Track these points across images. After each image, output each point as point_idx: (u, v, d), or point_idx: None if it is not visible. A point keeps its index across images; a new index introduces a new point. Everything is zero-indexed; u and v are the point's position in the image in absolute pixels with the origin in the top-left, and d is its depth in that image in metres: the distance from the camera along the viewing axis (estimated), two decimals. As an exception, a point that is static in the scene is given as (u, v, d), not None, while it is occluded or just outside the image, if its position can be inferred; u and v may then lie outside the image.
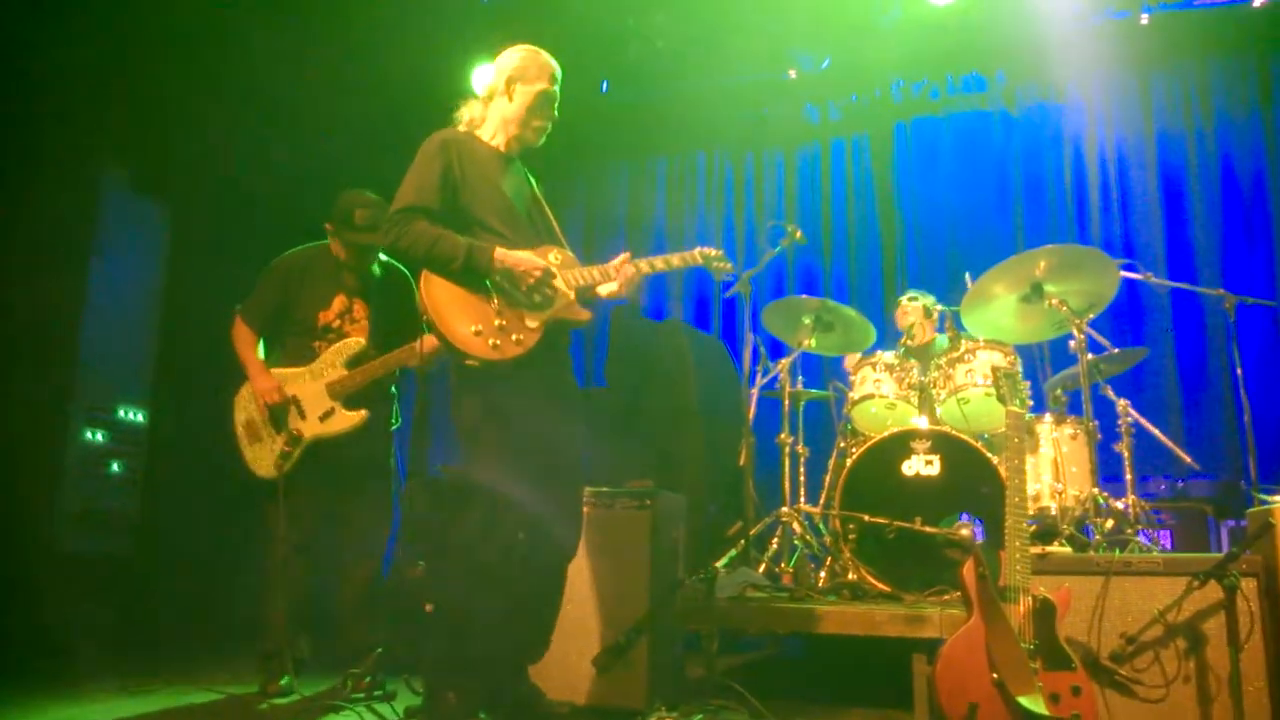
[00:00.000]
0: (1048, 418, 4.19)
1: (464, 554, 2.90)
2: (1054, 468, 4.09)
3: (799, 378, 4.86)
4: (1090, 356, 4.07)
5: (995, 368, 3.60)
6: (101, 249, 5.18)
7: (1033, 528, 3.85)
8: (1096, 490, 3.79)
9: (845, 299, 6.39)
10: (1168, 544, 4.51)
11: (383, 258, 3.94)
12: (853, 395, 4.46)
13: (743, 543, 4.22)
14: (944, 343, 4.67)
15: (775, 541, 4.34)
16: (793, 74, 6.80)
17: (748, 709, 3.18)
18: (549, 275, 2.94)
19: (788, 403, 4.68)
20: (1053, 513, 4.00)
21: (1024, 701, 2.63)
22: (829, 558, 4.16)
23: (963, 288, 4.21)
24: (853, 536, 3.92)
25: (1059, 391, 4.48)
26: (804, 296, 4.84)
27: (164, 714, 3.40)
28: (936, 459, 3.97)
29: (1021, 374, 4.13)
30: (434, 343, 3.43)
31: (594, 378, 6.70)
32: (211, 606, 5.00)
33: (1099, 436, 3.96)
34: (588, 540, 3.51)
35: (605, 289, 3.07)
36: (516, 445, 2.89)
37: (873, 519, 3.82)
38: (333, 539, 3.83)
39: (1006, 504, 2.98)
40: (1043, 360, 4.82)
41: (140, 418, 5.28)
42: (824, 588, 3.98)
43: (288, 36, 5.48)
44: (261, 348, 3.90)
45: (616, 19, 6.40)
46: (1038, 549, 3.22)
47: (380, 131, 5.64)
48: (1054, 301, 3.93)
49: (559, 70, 3.17)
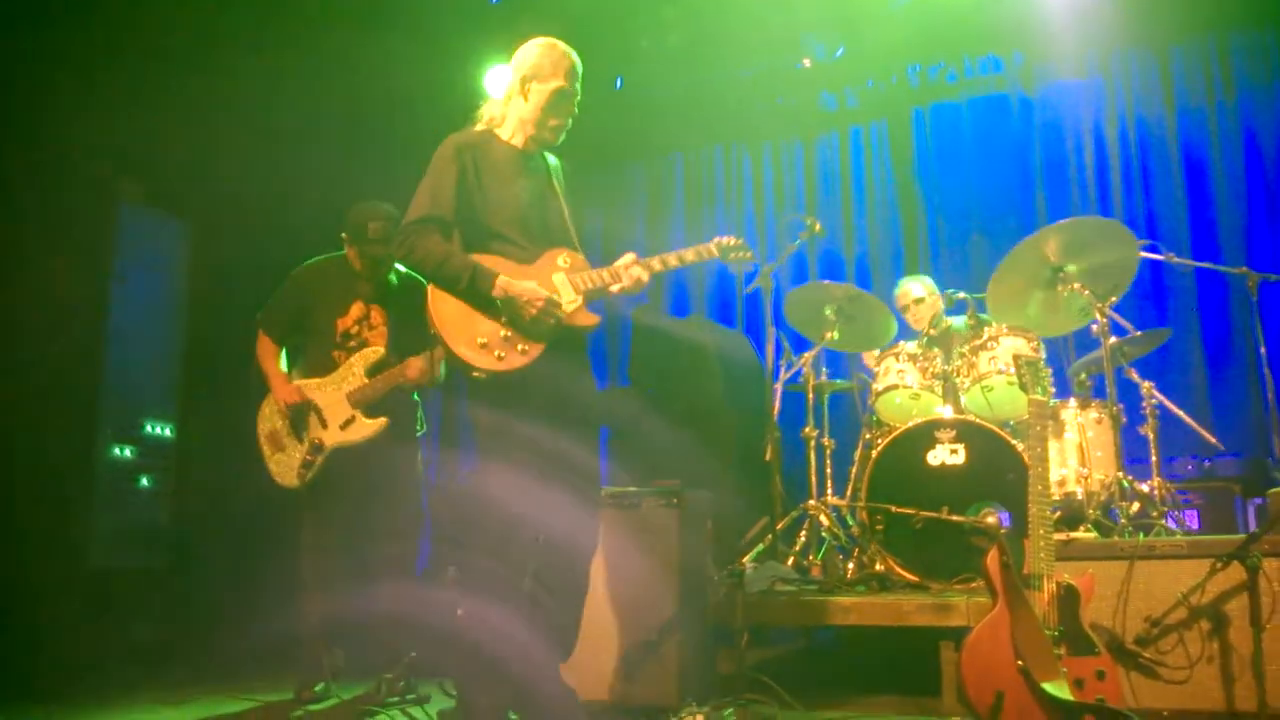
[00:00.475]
0: (1072, 402, 4.20)
1: (484, 558, 2.95)
2: (1079, 452, 4.10)
3: (823, 370, 4.88)
4: (1114, 339, 4.08)
5: (1017, 356, 3.61)
6: (123, 266, 5.24)
7: (1057, 514, 3.88)
8: (1121, 474, 3.80)
9: (868, 286, 6.40)
10: (1195, 524, 4.51)
11: (400, 267, 3.99)
12: (876, 386, 4.48)
13: (770, 537, 4.27)
14: (962, 325, 4.66)
15: (803, 534, 4.39)
16: (807, 63, 6.79)
17: (778, 702, 3.24)
18: (552, 305, 2.92)
19: (812, 396, 4.72)
20: (1079, 497, 4.02)
21: (1048, 688, 2.67)
22: (856, 549, 4.21)
23: (983, 273, 4.21)
24: (880, 527, 3.96)
25: (1083, 376, 4.49)
26: (827, 283, 4.85)
27: (199, 725, 3.47)
28: (961, 448, 3.99)
29: (1045, 359, 4.17)
30: (440, 355, 3.52)
31: (618, 377, 6.77)
32: (244, 616, 5.04)
33: (1124, 420, 3.97)
34: (616, 540, 3.58)
35: (615, 288, 3.04)
36: (526, 451, 2.91)
37: (899, 509, 3.86)
38: (362, 546, 3.86)
39: (1030, 492, 3.01)
40: (1066, 345, 4.81)
41: (168, 432, 5.34)
42: (852, 579, 4.03)
43: (302, 50, 5.54)
44: (284, 360, 3.96)
45: (627, 15, 6.42)
46: (1062, 535, 3.26)
47: (397, 140, 5.70)
48: (1076, 285, 3.93)
49: (578, 63, 3.09)
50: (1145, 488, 3.89)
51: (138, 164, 5.34)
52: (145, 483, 5.16)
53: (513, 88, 3.10)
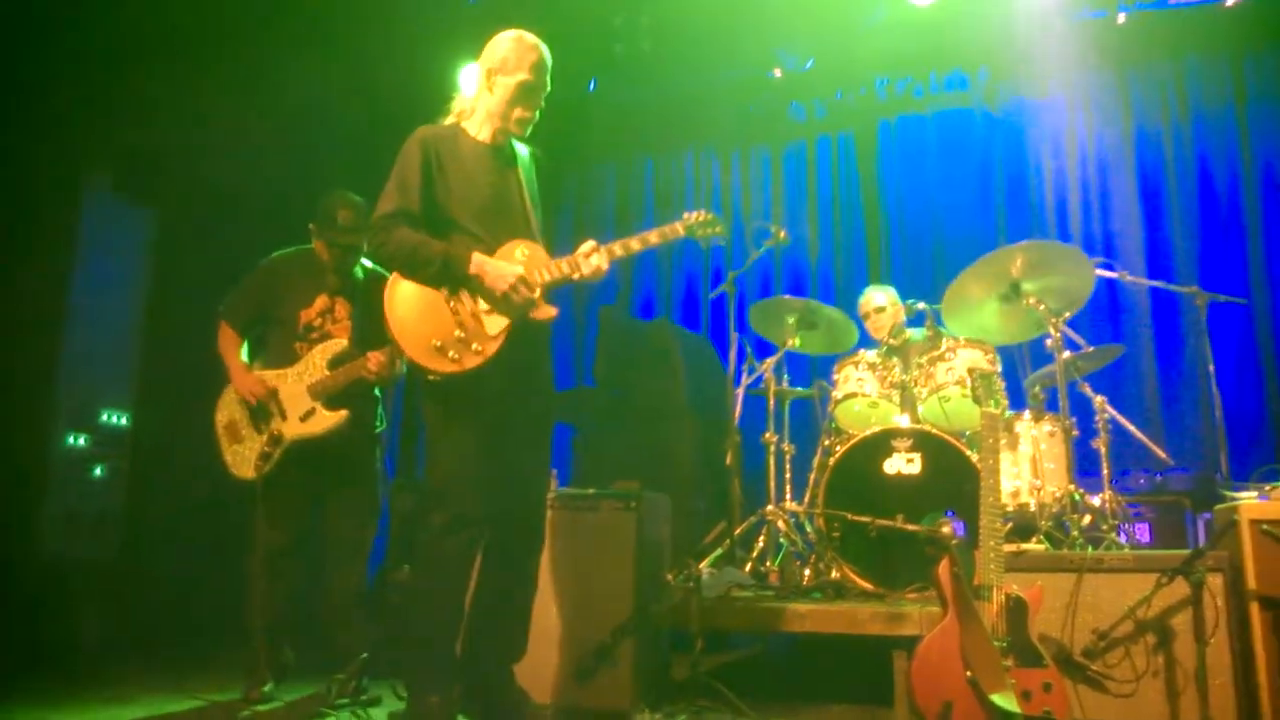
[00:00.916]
0: (1026, 415, 4.26)
1: (427, 556, 2.97)
2: (1033, 465, 4.17)
3: (784, 376, 4.92)
4: (1067, 354, 4.16)
5: (971, 369, 3.68)
6: (85, 252, 5.17)
7: (1007, 526, 3.94)
8: (1072, 487, 3.87)
9: (831, 296, 6.47)
10: (1146, 537, 4.60)
11: (366, 262, 3.97)
12: (836, 394, 4.53)
13: (728, 542, 4.30)
14: (920, 335, 4.72)
15: (761, 540, 4.42)
16: (778, 73, 6.86)
17: (731, 708, 3.26)
18: (523, 283, 2.95)
19: (773, 401, 4.75)
20: (1031, 509, 4.08)
21: (996, 699, 2.71)
22: (813, 556, 4.24)
23: (942, 284, 4.28)
24: (837, 535, 4.00)
25: (1037, 389, 4.56)
26: (788, 296, 4.92)
27: (144, 722, 3.41)
28: (917, 457, 4.04)
29: (1001, 372, 4.23)
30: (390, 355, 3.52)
31: (583, 377, 6.77)
32: (195, 611, 4.98)
33: (1076, 433, 4.06)
34: (573, 541, 3.59)
35: (575, 276, 3.05)
36: (477, 450, 2.94)
37: (855, 517, 3.89)
38: (316, 541, 3.83)
39: (981, 503, 3.06)
40: (1022, 358, 4.90)
41: (124, 421, 5.27)
42: (808, 586, 4.06)
43: (275, 40, 5.50)
44: (246, 350, 3.92)
45: (603, 19, 6.44)
46: (1013, 546, 3.31)
47: (368, 134, 5.67)
48: (1031, 300, 4.03)
49: (546, 56, 3.13)
50: (1096, 501, 3.96)
51: (104, 152, 5.27)
52: (99, 472, 5.09)
53: (479, 81, 3.15)
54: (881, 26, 6.31)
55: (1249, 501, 3.14)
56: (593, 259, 3.03)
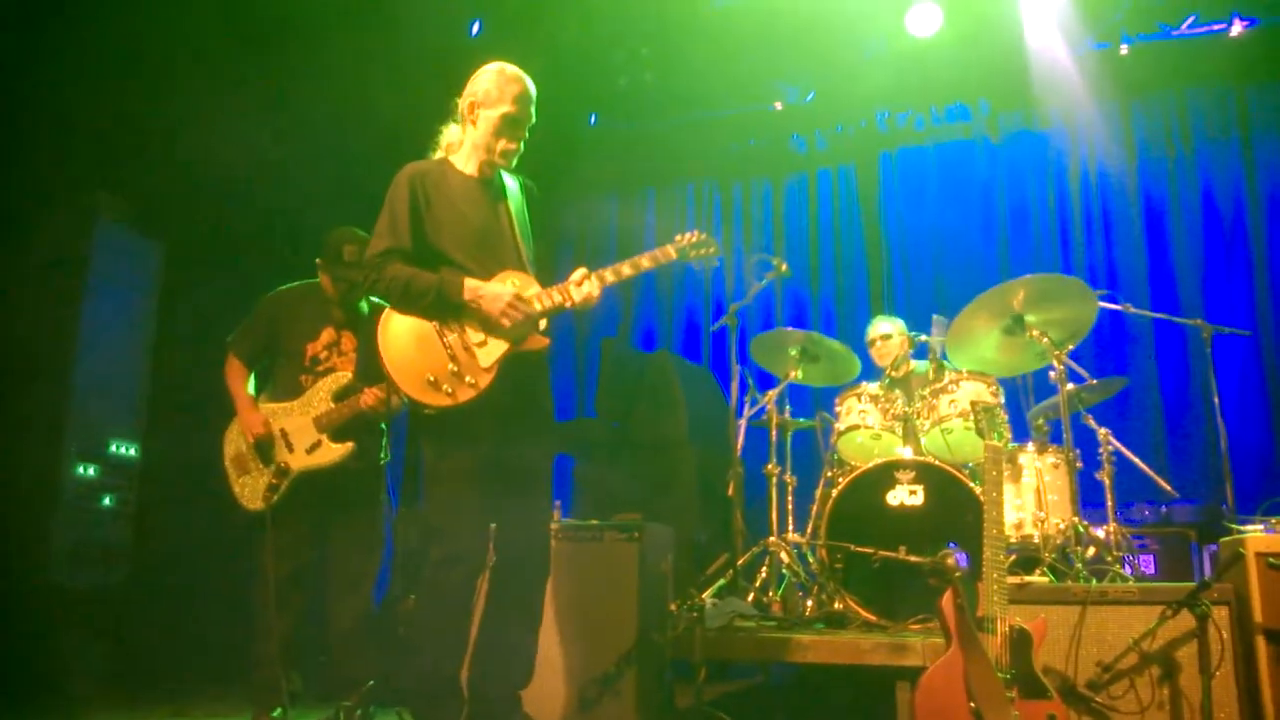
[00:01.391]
0: (1030, 446, 4.25)
1: (429, 588, 2.98)
2: (1037, 496, 4.15)
3: (787, 408, 4.92)
4: (1071, 386, 4.15)
5: (975, 402, 3.68)
6: (95, 283, 5.22)
7: (1011, 558, 3.92)
8: (1077, 519, 3.85)
9: (833, 328, 6.48)
10: (1151, 568, 4.57)
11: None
12: (839, 426, 4.53)
13: (731, 572, 4.28)
14: (924, 368, 4.73)
15: (764, 571, 4.40)
16: (778, 105, 6.93)
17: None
18: (521, 302, 2.96)
19: (775, 433, 4.75)
20: (1035, 541, 4.06)
21: (1000, 731, 2.69)
22: (816, 587, 4.22)
23: (947, 318, 4.29)
24: (839, 566, 3.97)
25: (1041, 421, 4.55)
26: (790, 329, 4.93)
27: (156, 748, 3.42)
28: (920, 489, 4.03)
29: (1004, 404, 4.24)
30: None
31: (585, 408, 6.78)
32: (205, 639, 5.00)
33: (1080, 465, 4.05)
34: (576, 572, 3.58)
35: (567, 305, 3.05)
36: (473, 484, 2.95)
37: (858, 548, 3.88)
38: (323, 571, 3.86)
39: (984, 535, 3.05)
40: (1026, 390, 4.89)
41: (132, 451, 5.31)
42: (810, 616, 4.04)
43: (280, 76, 5.57)
44: (252, 382, 3.96)
45: (605, 52, 6.51)
46: (1017, 579, 3.29)
47: (371, 169, 5.70)
48: (1034, 333, 4.03)
49: (529, 88, 3.13)
50: (1101, 533, 3.94)
51: (116, 183, 5.33)
52: (108, 502, 5.12)
53: (463, 114, 3.16)
54: (882, 59, 6.38)
55: (1255, 534, 3.12)
56: (584, 286, 3.03)
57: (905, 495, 4.03)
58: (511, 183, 3.26)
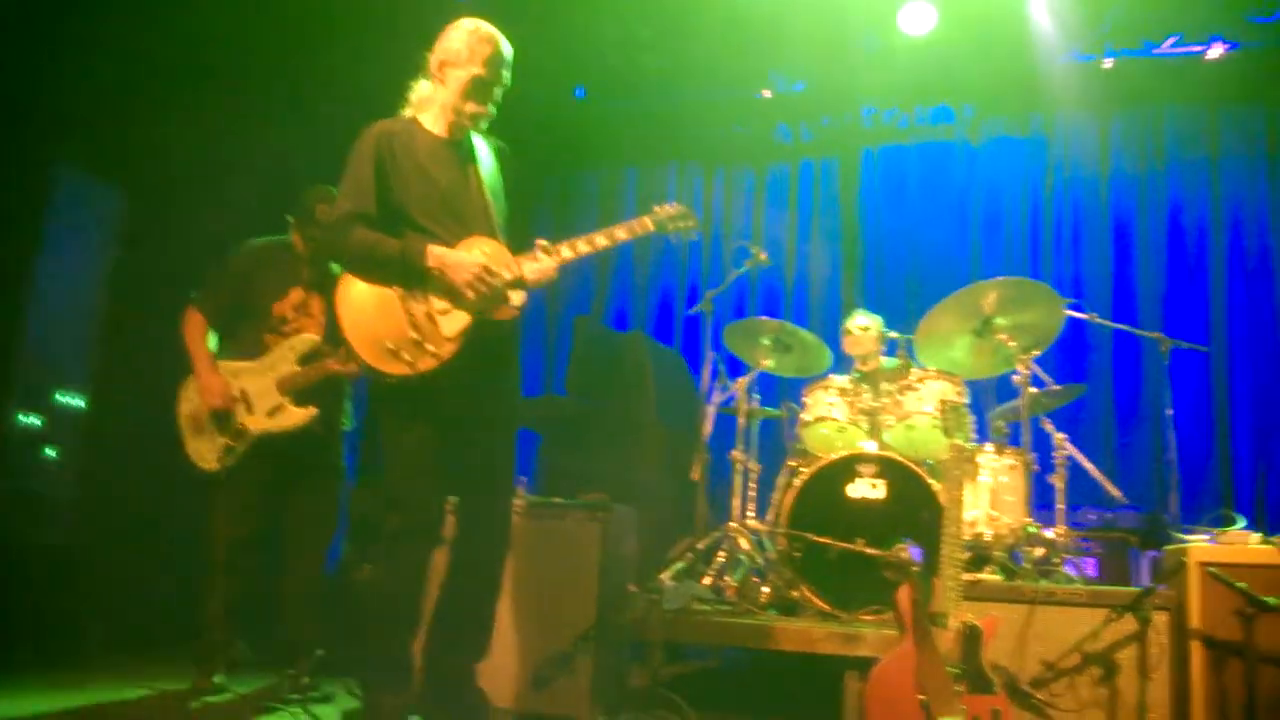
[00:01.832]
0: (989, 447, 4.34)
1: (385, 559, 2.97)
2: (992, 496, 4.24)
3: (755, 396, 4.97)
4: (1033, 390, 4.26)
5: (944, 402, 3.76)
6: (51, 232, 5.05)
7: (968, 555, 4.02)
8: (1028, 520, 3.97)
9: (805, 319, 6.54)
10: (1093, 571, 4.71)
11: None
12: (805, 417, 4.59)
13: (691, 556, 4.34)
14: (892, 364, 4.81)
15: (722, 555, 4.47)
16: (767, 93, 6.94)
17: None
18: (487, 273, 2.86)
19: (743, 420, 4.80)
20: (986, 539, 4.16)
21: (945, 722, 2.79)
22: (773, 574, 4.30)
23: (915, 313, 4.37)
24: (797, 554, 4.06)
25: (1001, 422, 4.66)
26: (764, 318, 4.98)
27: (94, 709, 3.36)
28: (881, 483, 4.11)
29: (969, 404, 4.33)
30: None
31: (554, 385, 6.79)
32: (147, 599, 4.84)
33: (1036, 468, 4.16)
34: (538, 550, 3.62)
35: (531, 274, 2.95)
36: (432, 455, 2.90)
37: (816, 539, 3.96)
38: (276, 536, 3.79)
39: (943, 532, 3.13)
40: (988, 390, 5.00)
41: (80, 403, 5.15)
42: (766, 603, 4.12)
43: (257, 26, 5.44)
44: (213, 341, 3.84)
45: (596, 28, 6.46)
46: (970, 576, 3.39)
47: (350, 128, 5.63)
48: (1002, 336, 4.12)
49: (503, 49, 3.00)
50: (1050, 534, 4.05)
51: (76, 130, 5.16)
52: (51, 454, 4.95)
53: (431, 71, 3.05)
54: (874, 55, 6.39)
55: (1199, 544, 3.24)
56: (540, 262, 2.94)
57: (867, 489, 4.11)
58: (482, 145, 3.14)
